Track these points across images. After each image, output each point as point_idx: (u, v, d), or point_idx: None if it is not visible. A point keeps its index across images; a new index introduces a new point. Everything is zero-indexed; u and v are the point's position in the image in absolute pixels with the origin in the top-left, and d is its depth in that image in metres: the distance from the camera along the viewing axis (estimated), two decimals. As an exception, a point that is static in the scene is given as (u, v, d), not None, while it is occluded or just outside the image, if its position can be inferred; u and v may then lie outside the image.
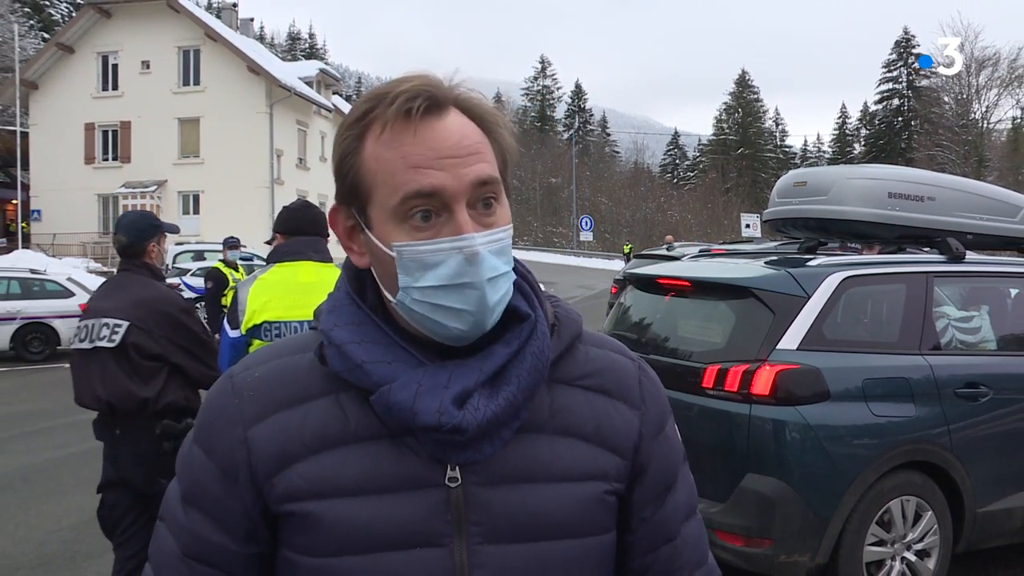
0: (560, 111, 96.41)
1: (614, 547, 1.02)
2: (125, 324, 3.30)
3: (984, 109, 55.96)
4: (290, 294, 3.04)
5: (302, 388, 0.96)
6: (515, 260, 0.99)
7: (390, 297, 0.94)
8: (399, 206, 0.89)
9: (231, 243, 10.65)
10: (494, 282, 0.91)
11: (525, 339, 0.95)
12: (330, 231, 3.29)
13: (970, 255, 4.82)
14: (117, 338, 3.30)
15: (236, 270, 10.31)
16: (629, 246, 31.52)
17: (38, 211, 32.53)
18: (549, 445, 0.97)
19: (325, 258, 3.16)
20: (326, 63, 60.03)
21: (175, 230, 3.88)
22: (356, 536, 0.91)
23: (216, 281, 9.86)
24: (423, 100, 0.89)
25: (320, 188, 37.35)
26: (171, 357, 3.32)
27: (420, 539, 0.92)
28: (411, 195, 0.89)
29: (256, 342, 3.03)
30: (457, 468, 0.93)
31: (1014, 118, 57.66)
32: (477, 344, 0.94)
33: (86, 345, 3.38)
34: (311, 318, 3.14)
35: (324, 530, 0.92)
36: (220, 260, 10.55)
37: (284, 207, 3.38)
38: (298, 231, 3.21)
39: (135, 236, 3.51)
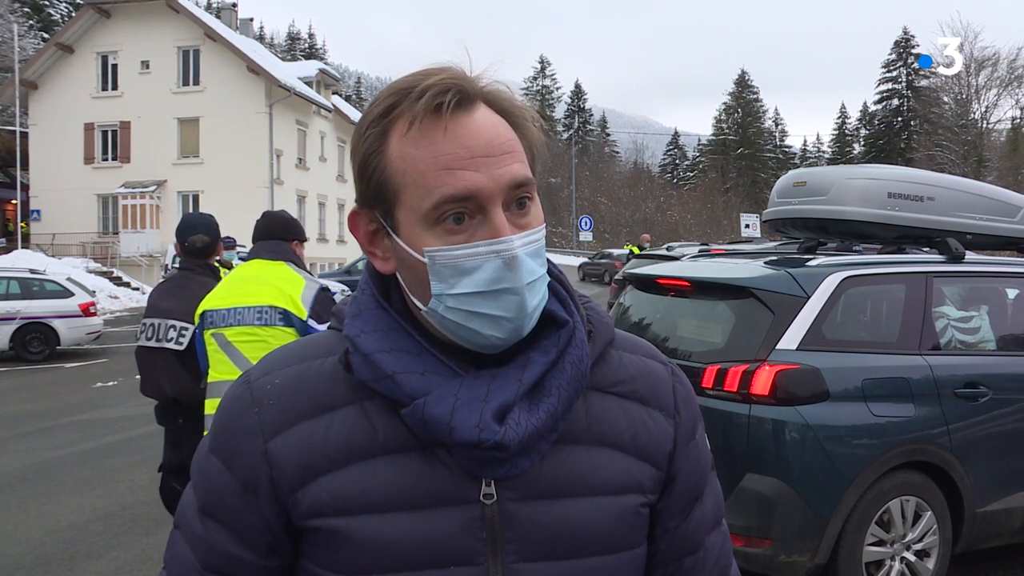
0: (560, 111, 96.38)
1: (645, 559, 0.99)
2: (192, 327, 3.54)
3: (984, 109, 56.02)
4: (228, 286, 3.27)
5: (325, 396, 0.91)
6: (548, 261, 0.94)
7: (420, 305, 0.89)
8: (431, 211, 0.84)
9: (227, 243, 10.64)
10: (533, 286, 0.86)
11: (563, 347, 0.91)
12: (292, 234, 3.43)
13: (970, 255, 4.82)
14: (185, 341, 3.59)
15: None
16: (629, 246, 31.66)
17: (37, 211, 32.49)
18: (587, 456, 0.93)
19: (277, 257, 3.30)
20: (326, 63, 60.05)
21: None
22: (386, 554, 0.87)
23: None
24: (454, 94, 0.84)
25: (320, 188, 37.33)
26: None
27: (453, 558, 0.88)
28: (445, 200, 0.83)
29: (205, 332, 3.23)
30: (492, 483, 0.89)
31: (1014, 118, 57.72)
32: (512, 350, 0.90)
33: (152, 343, 3.67)
34: (241, 304, 3.32)
35: (352, 548, 0.88)
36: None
37: None
38: (257, 239, 3.40)
39: (215, 236, 3.89)
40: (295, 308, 3.08)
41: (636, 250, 20.43)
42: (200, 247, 3.85)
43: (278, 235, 3.38)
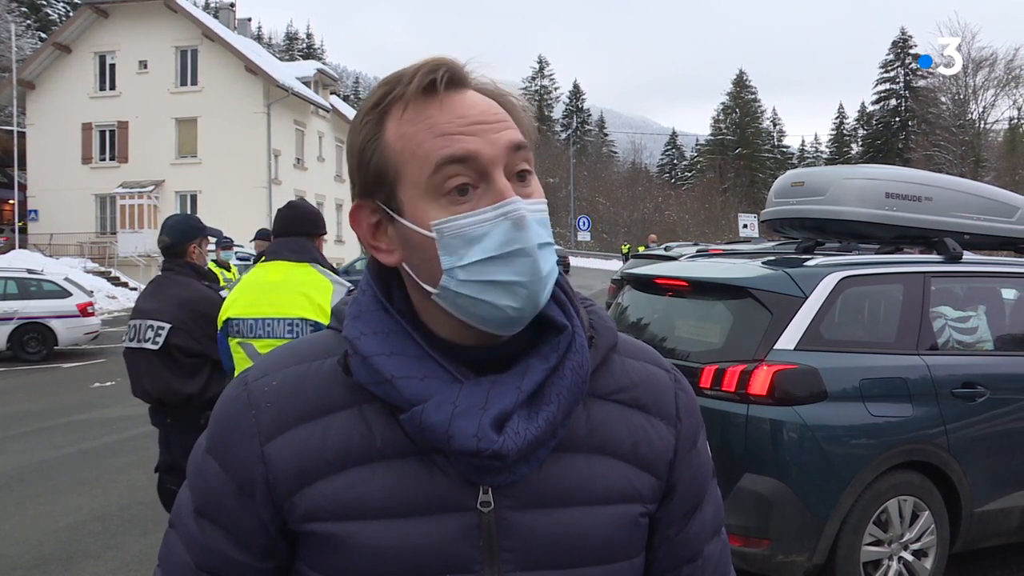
0: (558, 111, 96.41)
1: (643, 567, 0.99)
2: (167, 326, 3.55)
3: (981, 109, 56.18)
4: (253, 292, 3.13)
5: (323, 399, 0.90)
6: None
7: (431, 289, 0.87)
8: (433, 175, 0.84)
9: (224, 243, 10.63)
10: (544, 250, 0.85)
11: (563, 353, 0.89)
12: (321, 229, 3.33)
13: (967, 255, 4.83)
14: (160, 340, 3.55)
15: (228, 270, 10.30)
16: (627, 246, 31.85)
17: (35, 211, 32.46)
18: (586, 465, 0.92)
19: (302, 258, 3.15)
20: (324, 63, 59.94)
21: (217, 234, 4.09)
22: (382, 560, 0.87)
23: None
24: (445, 71, 0.85)
25: (318, 188, 37.29)
26: (212, 354, 3.49)
27: (449, 565, 0.87)
28: (445, 160, 0.83)
29: (230, 339, 3.14)
30: (490, 491, 0.88)
31: (1011, 118, 57.89)
32: (512, 357, 0.89)
33: (134, 344, 3.65)
34: (270, 315, 3.22)
35: (348, 553, 0.87)
36: (212, 260, 10.53)
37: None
38: (279, 233, 3.24)
39: (178, 237, 3.79)
40: (326, 319, 2.94)
41: (643, 248, 20.78)
42: (162, 248, 3.83)
43: (302, 231, 3.22)
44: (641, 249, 20.90)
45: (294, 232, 3.21)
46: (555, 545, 0.90)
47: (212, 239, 4.44)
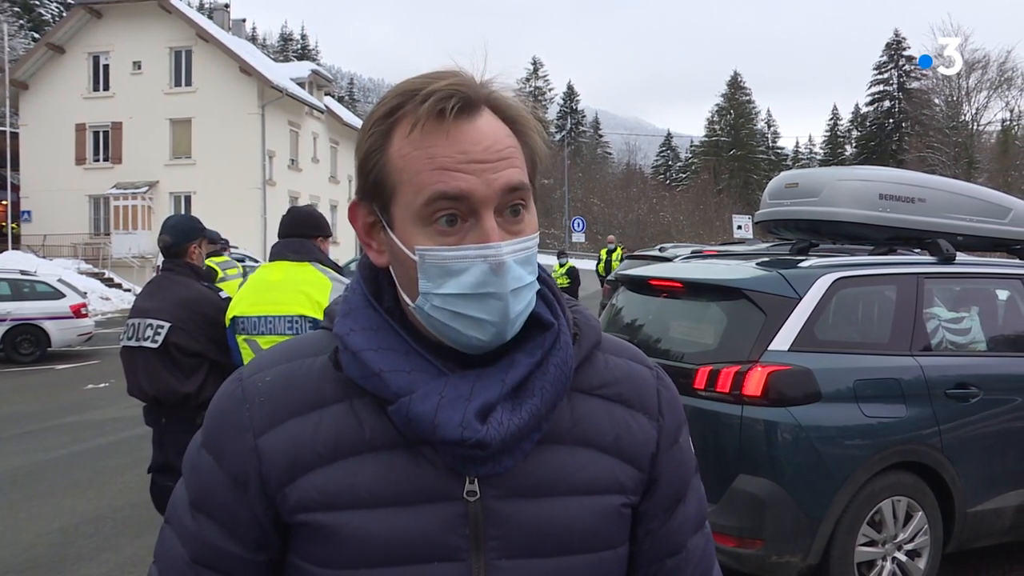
0: (552, 112, 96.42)
1: (627, 559, 1.01)
2: (167, 325, 3.57)
3: (974, 111, 56.31)
4: (256, 291, 3.29)
5: (314, 394, 0.93)
6: (539, 267, 0.97)
7: (408, 300, 0.91)
8: (424, 207, 0.86)
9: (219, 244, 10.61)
10: (518, 293, 0.88)
11: (548, 349, 0.93)
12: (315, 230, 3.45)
13: (960, 256, 4.84)
14: (160, 339, 3.58)
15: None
16: (622, 247, 32.14)
17: (28, 212, 32.33)
18: (570, 456, 0.95)
19: (304, 257, 3.31)
20: (318, 64, 59.81)
21: (215, 236, 4.16)
22: (371, 549, 0.89)
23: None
24: (457, 100, 0.86)
25: (312, 189, 37.23)
26: (210, 354, 3.57)
27: (437, 553, 0.90)
28: (437, 196, 0.85)
29: (238, 336, 3.28)
30: (476, 481, 0.91)
31: (1004, 120, 57.99)
32: (498, 351, 0.92)
33: (132, 343, 3.66)
34: (271, 313, 3.33)
35: (338, 542, 0.90)
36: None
37: None
38: (283, 235, 3.42)
39: (179, 237, 3.83)
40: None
41: (603, 254, 21.11)
42: (163, 248, 3.88)
43: (302, 232, 3.38)
44: (603, 254, 21.14)
45: (294, 234, 3.37)
46: (540, 534, 0.92)
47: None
